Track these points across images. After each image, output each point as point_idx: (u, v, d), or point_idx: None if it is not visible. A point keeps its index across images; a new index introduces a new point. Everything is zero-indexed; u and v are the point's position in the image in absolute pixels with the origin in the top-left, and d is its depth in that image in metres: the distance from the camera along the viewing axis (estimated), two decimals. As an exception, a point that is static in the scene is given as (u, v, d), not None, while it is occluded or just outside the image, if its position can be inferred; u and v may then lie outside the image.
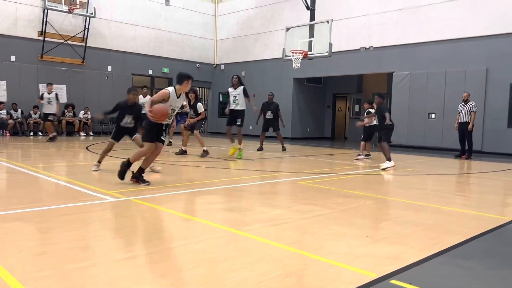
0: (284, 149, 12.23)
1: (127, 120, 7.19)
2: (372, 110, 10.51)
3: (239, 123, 10.02)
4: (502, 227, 4.33)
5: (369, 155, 11.28)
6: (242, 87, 9.95)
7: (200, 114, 10.10)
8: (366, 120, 10.56)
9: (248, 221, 4.24)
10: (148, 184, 5.89)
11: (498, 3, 12.85)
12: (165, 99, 5.79)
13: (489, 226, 4.26)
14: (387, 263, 3.06)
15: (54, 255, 3.05)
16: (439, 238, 3.79)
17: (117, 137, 7.28)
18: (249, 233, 3.78)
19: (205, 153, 10.10)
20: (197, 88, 11.77)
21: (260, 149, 12.33)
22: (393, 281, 2.73)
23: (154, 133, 5.92)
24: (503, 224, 4.44)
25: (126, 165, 5.95)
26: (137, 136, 7.21)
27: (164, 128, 6.08)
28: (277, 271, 2.86)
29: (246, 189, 6.21)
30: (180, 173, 7.83)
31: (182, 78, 5.92)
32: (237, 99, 9.94)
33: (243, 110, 10.10)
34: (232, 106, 10.04)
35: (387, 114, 8.99)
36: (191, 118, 10.27)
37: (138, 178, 5.94)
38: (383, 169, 8.70)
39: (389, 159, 8.92)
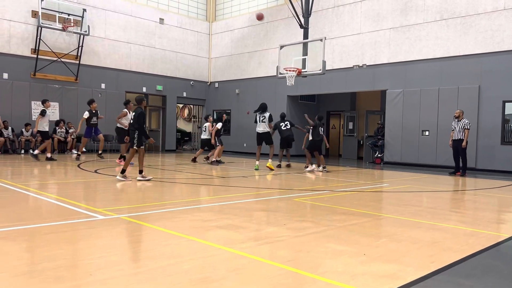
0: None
1: None
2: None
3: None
4: (500, 244, 4.26)
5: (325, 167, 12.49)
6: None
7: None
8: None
9: (242, 239, 4.12)
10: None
11: (488, 22, 13.05)
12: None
13: (487, 243, 4.18)
14: (385, 282, 2.96)
15: (38, 275, 2.92)
16: (437, 256, 3.70)
17: None
18: (242, 251, 3.66)
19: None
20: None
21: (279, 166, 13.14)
22: (392, 301, 2.63)
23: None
24: (500, 241, 4.36)
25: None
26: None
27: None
28: (271, 290, 2.75)
29: (239, 206, 6.10)
30: (172, 190, 7.71)
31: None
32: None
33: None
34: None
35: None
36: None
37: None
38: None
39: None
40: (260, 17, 12.82)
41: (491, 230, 4.93)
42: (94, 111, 13.36)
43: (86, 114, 13.21)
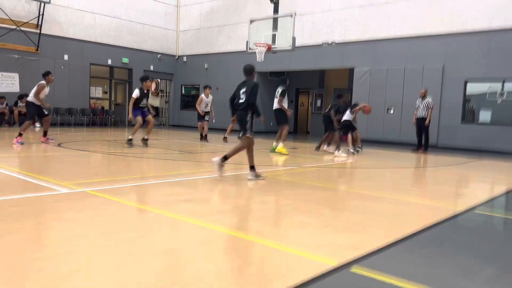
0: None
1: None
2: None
3: None
4: (457, 216, 4.48)
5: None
6: None
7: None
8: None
9: (209, 212, 4.15)
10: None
11: (454, 2, 13.32)
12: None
13: (444, 216, 4.39)
14: (348, 252, 3.07)
15: None
16: (398, 228, 3.85)
17: None
18: (210, 224, 3.70)
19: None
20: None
21: None
22: (354, 269, 2.74)
23: None
24: (457, 214, 4.59)
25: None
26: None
27: None
28: (238, 261, 2.81)
29: (208, 181, 6.11)
30: (140, 164, 7.62)
31: None
32: None
33: None
34: None
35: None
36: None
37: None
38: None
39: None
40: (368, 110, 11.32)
41: (448, 203, 5.17)
42: (146, 91, 10.32)
43: (136, 93, 10.15)
